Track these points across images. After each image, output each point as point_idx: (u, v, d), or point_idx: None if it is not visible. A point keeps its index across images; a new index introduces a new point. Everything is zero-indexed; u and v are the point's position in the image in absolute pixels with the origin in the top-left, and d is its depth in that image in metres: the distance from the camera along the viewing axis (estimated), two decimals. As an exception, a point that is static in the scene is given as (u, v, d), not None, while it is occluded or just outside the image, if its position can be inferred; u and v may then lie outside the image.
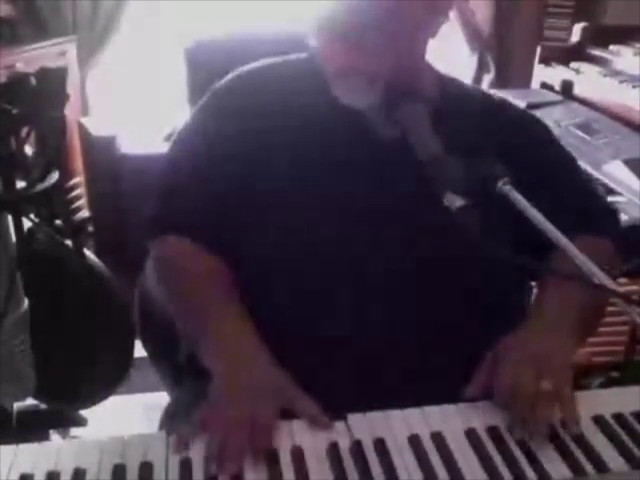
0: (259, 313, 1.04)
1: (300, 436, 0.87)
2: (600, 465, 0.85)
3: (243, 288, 1.07)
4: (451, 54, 3.09)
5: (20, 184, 1.76)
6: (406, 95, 0.99)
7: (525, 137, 1.14)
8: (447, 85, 1.15)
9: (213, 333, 1.01)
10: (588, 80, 2.50)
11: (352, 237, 1.05)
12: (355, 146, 1.07)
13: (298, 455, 0.85)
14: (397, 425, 0.89)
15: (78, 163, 3.01)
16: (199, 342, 1.03)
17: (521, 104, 2.35)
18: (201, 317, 1.04)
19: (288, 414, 0.90)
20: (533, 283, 1.18)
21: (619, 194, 1.78)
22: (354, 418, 0.90)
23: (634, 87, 2.27)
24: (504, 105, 1.21)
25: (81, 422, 2.10)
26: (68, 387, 2.05)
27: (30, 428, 1.93)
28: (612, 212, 1.24)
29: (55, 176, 1.85)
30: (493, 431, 0.89)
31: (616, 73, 2.44)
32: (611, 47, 2.62)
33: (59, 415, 2.10)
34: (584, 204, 1.17)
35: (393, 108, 1.00)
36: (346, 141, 1.08)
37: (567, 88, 2.55)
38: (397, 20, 1.00)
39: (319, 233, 1.05)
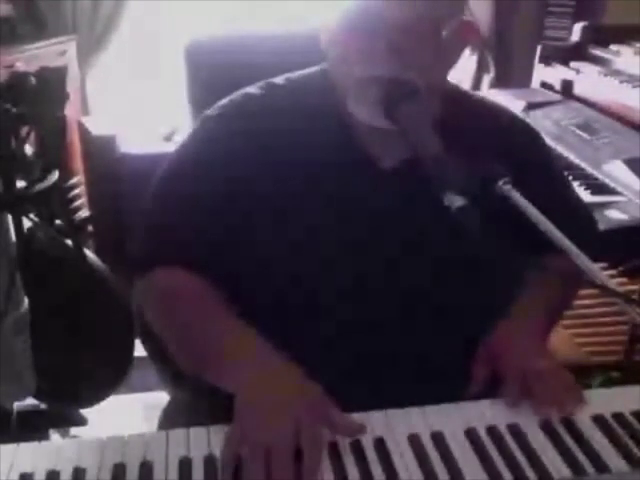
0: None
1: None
2: (600, 465, 0.85)
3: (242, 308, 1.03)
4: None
5: (20, 184, 1.76)
6: (407, 95, 0.98)
7: (518, 151, 1.13)
8: (449, 88, 1.15)
9: (231, 351, 0.95)
10: (588, 80, 2.49)
11: (354, 259, 1.05)
12: (358, 173, 1.06)
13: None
14: (397, 425, 0.89)
15: (78, 163, 3.01)
16: (212, 367, 0.96)
17: (521, 104, 2.36)
18: (211, 340, 0.97)
19: None
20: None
21: (619, 194, 1.78)
22: (354, 418, 0.90)
23: (634, 87, 2.26)
24: (496, 112, 1.21)
25: (81, 422, 2.10)
26: (68, 387, 2.05)
27: (30, 428, 1.94)
28: (590, 219, 1.28)
29: (55, 176, 1.85)
30: (493, 431, 0.89)
31: (616, 73, 2.44)
32: (611, 47, 2.62)
33: (59, 415, 2.10)
34: (566, 219, 1.19)
35: (393, 108, 1.00)
36: (349, 167, 1.05)
37: (567, 88, 2.54)
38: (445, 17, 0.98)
39: (317, 255, 1.04)
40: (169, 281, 1.06)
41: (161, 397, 1.39)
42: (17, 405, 1.95)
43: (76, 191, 3.08)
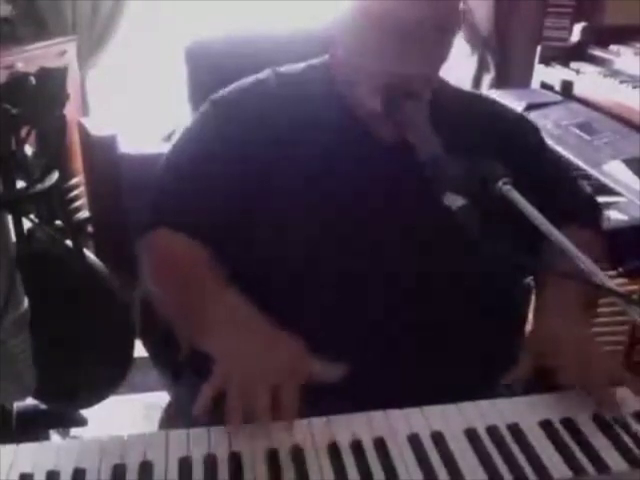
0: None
1: (300, 435, 0.87)
2: (600, 465, 0.85)
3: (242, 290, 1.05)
4: (451, 54, 3.09)
5: (20, 184, 1.77)
6: (407, 95, 0.99)
7: (517, 142, 1.14)
8: (444, 86, 1.16)
9: (214, 308, 0.98)
10: (588, 80, 2.50)
11: (352, 243, 1.06)
12: (362, 155, 1.08)
13: (298, 454, 0.85)
14: (397, 425, 0.90)
15: (78, 163, 3.01)
16: (196, 324, 0.99)
17: (521, 104, 2.36)
18: (198, 300, 1.00)
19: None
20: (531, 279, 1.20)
21: (619, 194, 1.78)
22: (355, 417, 0.90)
23: (634, 87, 2.27)
24: (497, 110, 1.22)
25: (81, 422, 2.10)
26: (68, 387, 2.05)
27: (30, 428, 1.94)
28: (596, 207, 1.28)
29: (55, 176, 1.85)
30: (493, 431, 0.89)
31: (616, 73, 2.44)
32: (611, 47, 2.62)
33: (59, 415, 2.10)
34: (570, 201, 1.20)
35: (394, 108, 1.00)
36: (353, 151, 1.07)
37: (567, 88, 2.54)
38: (453, 18, 1.01)
39: (320, 237, 1.06)
40: (168, 241, 1.09)
41: (161, 397, 1.39)
42: (17, 405, 1.95)
43: (76, 191, 3.08)
